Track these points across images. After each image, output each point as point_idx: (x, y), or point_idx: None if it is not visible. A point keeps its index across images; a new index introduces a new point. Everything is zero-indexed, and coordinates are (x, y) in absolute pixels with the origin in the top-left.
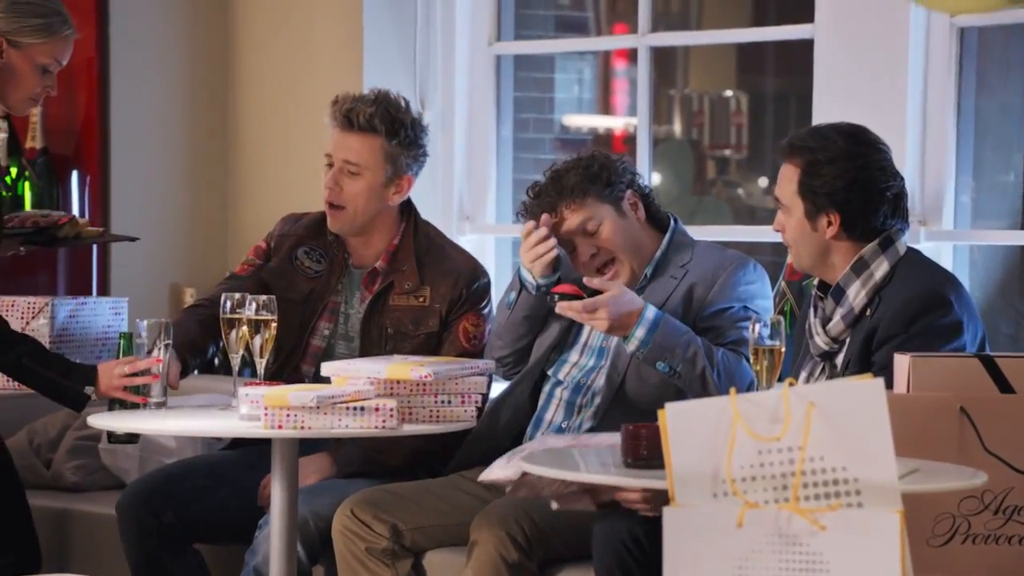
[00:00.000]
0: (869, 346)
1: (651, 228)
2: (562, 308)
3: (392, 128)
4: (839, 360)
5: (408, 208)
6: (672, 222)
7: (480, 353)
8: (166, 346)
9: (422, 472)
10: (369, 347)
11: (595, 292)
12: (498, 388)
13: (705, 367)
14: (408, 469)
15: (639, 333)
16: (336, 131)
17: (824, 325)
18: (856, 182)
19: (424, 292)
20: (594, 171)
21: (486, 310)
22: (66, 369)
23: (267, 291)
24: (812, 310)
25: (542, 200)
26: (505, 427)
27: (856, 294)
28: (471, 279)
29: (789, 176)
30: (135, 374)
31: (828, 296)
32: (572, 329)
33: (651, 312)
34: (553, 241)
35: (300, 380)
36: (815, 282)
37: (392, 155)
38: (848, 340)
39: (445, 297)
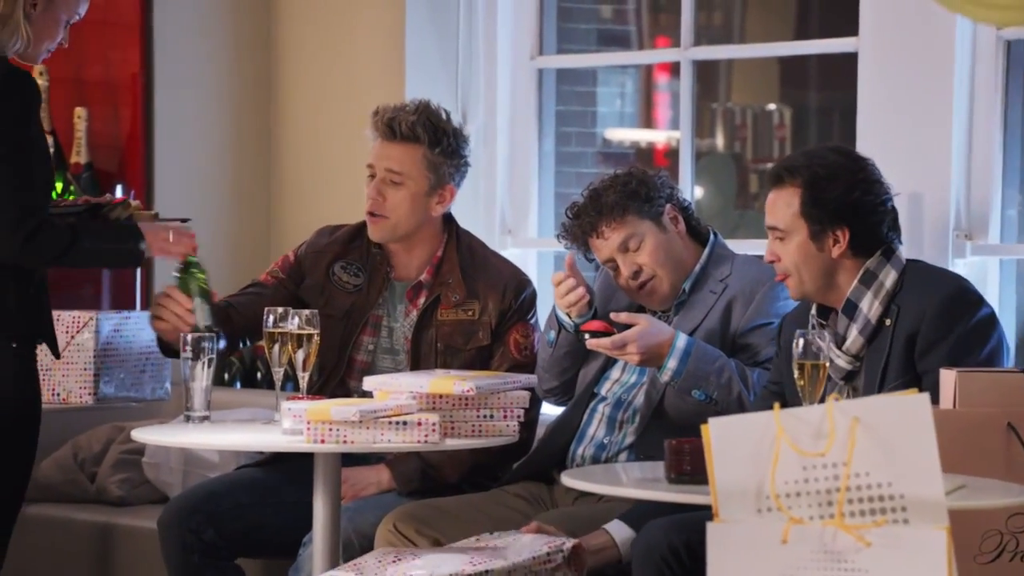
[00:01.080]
0: (910, 356)
1: (691, 242)
2: (592, 345)
3: (434, 137)
4: (860, 381)
5: (449, 220)
6: (712, 236)
7: (531, 363)
8: (209, 361)
9: (468, 487)
10: (418, 362)
11: (625, 326)
12: (549, 409)
13: (741, 391)
14: (466, 483)
15: (671, 364)
16: (378, 141)
17: (840, 346)
18: (862, 195)
19: (473, 306)
20: (632, 187)
21: (533, 319)
22: (117, 234)
23: (294, 306)
24: (818, 337)
25: (582, 220)
26: (553, 444)
27: (870, 305)
28: (518, 289)
29: (786, 200)
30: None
31: (839, 314)
32: None
33: (682, 341)
34: (583, 288)
35: (349, 395)
36: (813, 310)
37: (434, 164)
38: (866, 355)
39: (495, 310)
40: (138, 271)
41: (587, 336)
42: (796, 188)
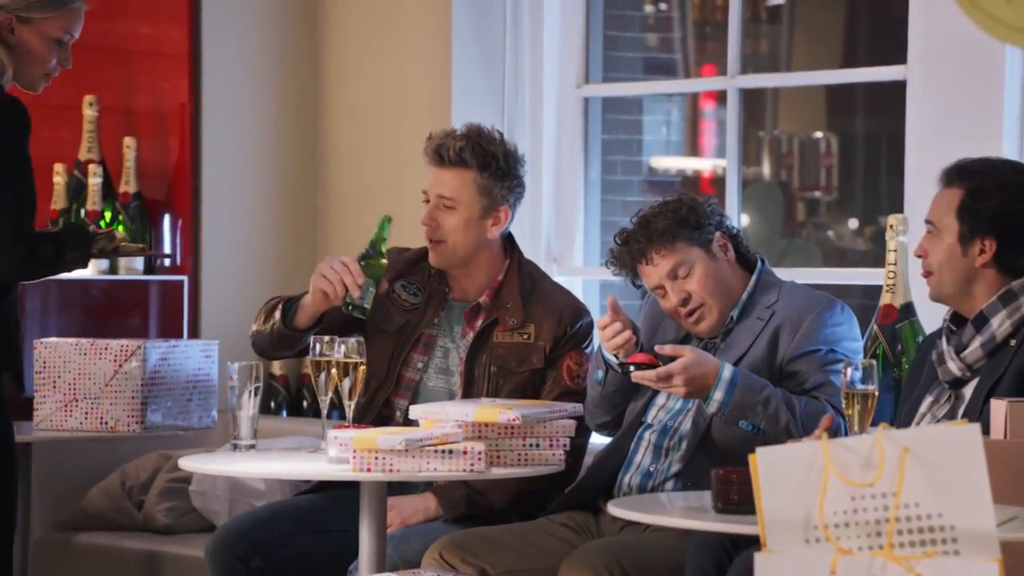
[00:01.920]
0: (1023, 377)
1: (740, 269)
2: (637, 378)
3: (483, 161)
4: (967, 390)
5: (512, 245)
6: (759, 263)
7: (582, 391)
8: (256, 389)
9: (514, 516)
10: (471, 383)
11: (670, 358)
12: (598, 437)
13: (789, 421)
14: (512, 511)
15: (718, 395)
16: (430, 167)
17: (959, 352)
18: (1021, 212)
19: (528, 329)
20: (682, 214)
21: (588, 349)
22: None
23: (359, 322)
24: (944, 339)
25: (631, 247)
26: (601, 473)
27: (1001, 323)
28: (575, 317)
29: (949, 199)
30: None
31: (968, 324)
32: None
33: (727, 372)
34: (628, 332)
35: (392, 412)
36: (947, 314)
37: (486, 187)
38: (984, 368)
39: (550, 334)
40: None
41: (632, 369)
42: (961, 190)
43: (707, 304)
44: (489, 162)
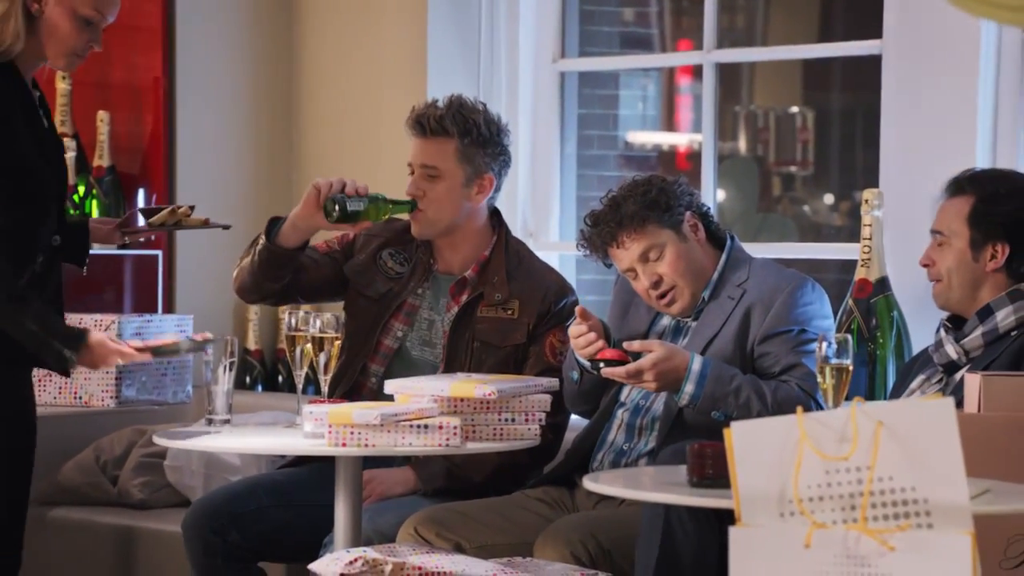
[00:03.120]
0: (1017, 361)
1: (710, 248)
2: (607, 374)
3: (464, 128)
4: (960, 375)
5: (499, 221)
6: (729, 240)
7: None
8: (230, 364)
9: (492, 491)
10: (454, 356)
11: (640, 353)
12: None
13: (760, 410)
14: (490, 485)
15: (689, 388)
16: (413, 139)
17: (958, 340)
18: None
19: (513, 305)
20: (652, 197)
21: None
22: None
23: (344, 283)
24: (942, 331)
25: (601, 229)
26: (578, 450)
27: (1006, 317)
28: (559, 295)
29: (958, 208)
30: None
31: (973, 316)
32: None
33: (697, 364)
34: (596, 338)
35: (367, 378)
36: (945, 317)
37: (468, 155)
38: (980, 356)
39: (534, 311)
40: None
41: (602, 365)
42: (971, 197)
43: (678, 286)
44: (470, 129)
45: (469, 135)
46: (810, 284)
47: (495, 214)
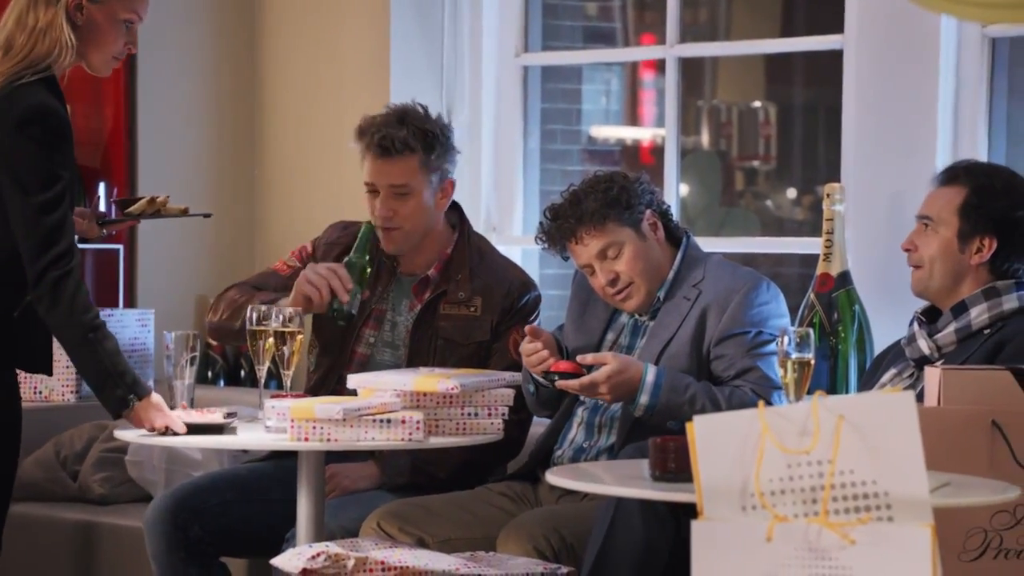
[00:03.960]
0: (990, 361)
1: (668, 246)
2: (562, 386)
3: (427, 142)
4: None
5: (460, 218)
6: (685, 238)
7: None
8: (192, 359)
9: (456, 486)
10: (417, 356)
11: (595, 366)
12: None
13: None
14: (455, 480)
15: (643, 400)
16: (372, 159)
17: (931, 335)
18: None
19: (476, 302)
20: (613, 195)
21: (536, 322)
22: (123, 375)
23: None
24: (915, 324)
25: (561, 224)
26: (541, 446)
27: (979, 314)
28: (522, 291)
29: (949, 196)
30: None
31: (947, 311)
32: (596, 351)
33: (651, 375)
34: (549, 355)
35: (345, 389)
36: (920, 311)
37: (431, 166)
38: (952, 353)
39: (496, 307)
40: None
41: (556, 378)
42: (964, 188)
43: (635, 283)
44: (432, 142)
45: (433, 149)
46: (765, 284)
47: (454, 209)
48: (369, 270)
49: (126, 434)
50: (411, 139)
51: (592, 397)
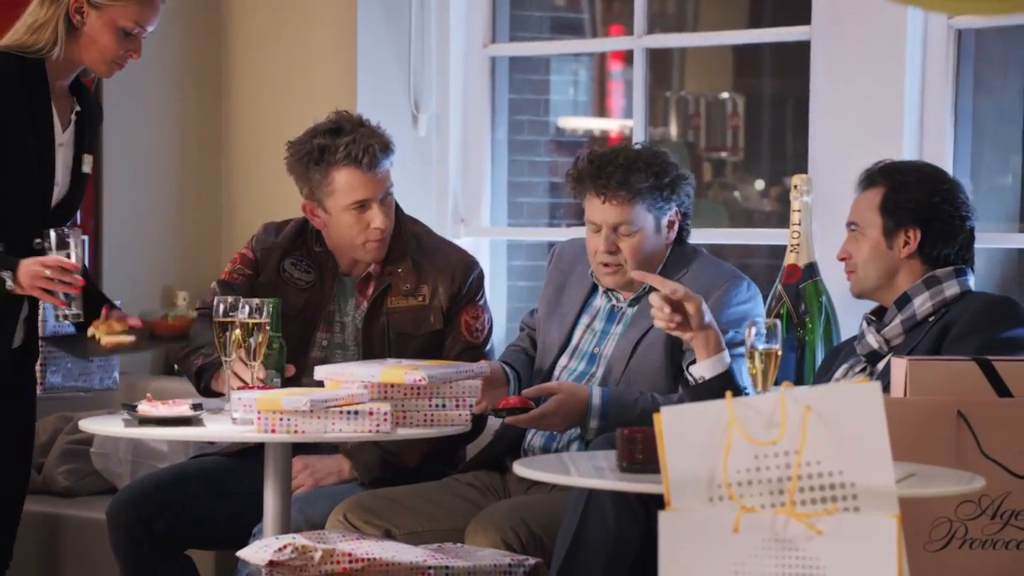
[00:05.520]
0: (939, 345)
1: (671, 245)
2: (512, 422)
3: (389, 147)
4: (882, 364)
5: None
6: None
7: (484, 343)
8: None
9: (423, 475)
10: (370, 351)
11: (543, 398)
12: None
13: None
14: (424, 469)
15: (593, 423)
16: (356, 172)
17: (879, 329)
18: (942, 203)
19: (423, 291)
20: (663, 182)
21: (482, 300)
22: None
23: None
24: (864, 323)
25: (600, 174)
26: (508, 434)
27: (922, 304)
28: (466, 272)
29: (869, 199)
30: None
31: (892, 305)
32: (569, 335)
33: (597, 399)
34: (485, 403)
35: None
36: (869, 311)
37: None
38: (900, 345)
39: (445, 293)
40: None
41: (505, 414)
42: (881, 187)
43: (626, 265)
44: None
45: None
46: (745, 284)
47: None
48: (283, 349)
49: (92, 426)
50: (388, 150)
51: (543, 429)
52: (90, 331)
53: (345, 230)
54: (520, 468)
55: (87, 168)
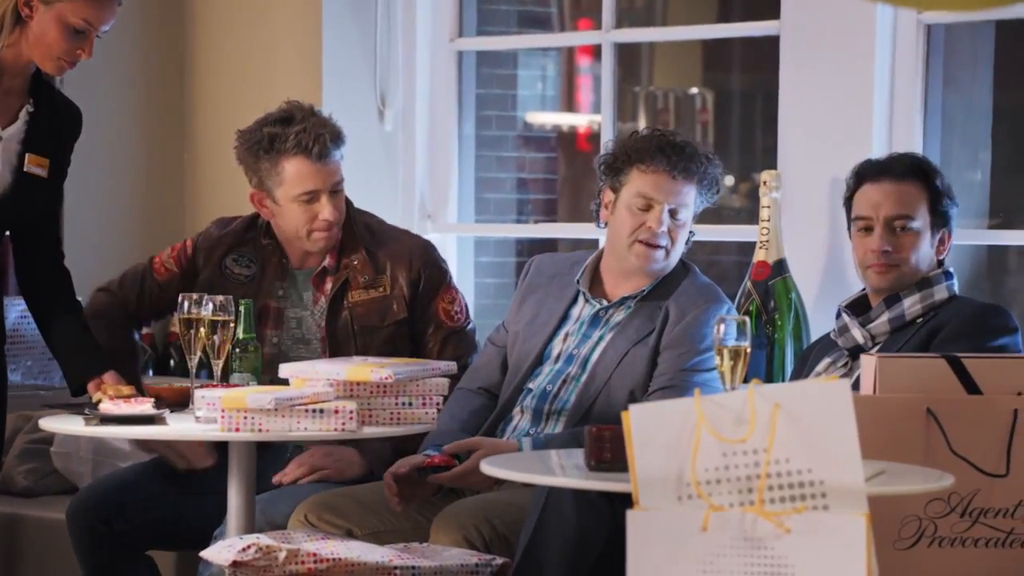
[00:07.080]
0: (924, 349)
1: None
2: (435, 480)
3: (340, 137)
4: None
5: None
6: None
7: (465, 323)
8: None
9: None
10: (337, 348)
11: (466, 455)
12: None
13: None
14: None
15: None
16: (306, 163)
17: (864, 324)
18: (952, 205)
19: (382, 282)
20: (716, 175)
21: (450, 280)
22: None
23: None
24: (844, 315)
25: (673, 148)
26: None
27: (912, 305)
28: (424, 258)
29: (914, 194)
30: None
31: (880, 302)
32: (546, 346)
33: (527, 448)
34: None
35: None
36: (845, 304)
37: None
38: (886, 342)
39: (405, 282)
40: None
41: (430, 472)
42: (921, 185)
43: (664, 250)
44: (343, 136)
45: (344, 143)
46: (727, 307)
47: None
48: (258, 352)
49: (52, 424)
50: (333, 138)
51: (469, 487)
52: (96, 396)
53: (292, 220)
54: (487, 467)
55: (31, 168)
